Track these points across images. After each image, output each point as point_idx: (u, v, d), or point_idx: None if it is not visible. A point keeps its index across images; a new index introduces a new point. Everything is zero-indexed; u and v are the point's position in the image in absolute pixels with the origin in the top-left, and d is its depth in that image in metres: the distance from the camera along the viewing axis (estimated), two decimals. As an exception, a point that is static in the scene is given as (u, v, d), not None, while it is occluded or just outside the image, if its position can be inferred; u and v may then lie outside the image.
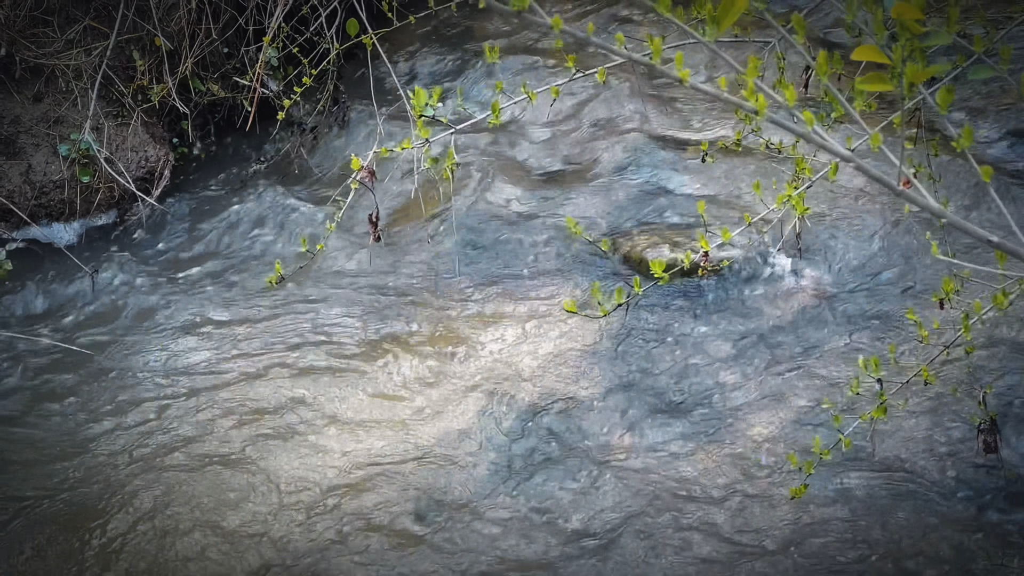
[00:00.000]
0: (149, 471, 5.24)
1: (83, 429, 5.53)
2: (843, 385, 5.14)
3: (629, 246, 6.00)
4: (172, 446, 5.36)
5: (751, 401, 5.23)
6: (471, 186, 6.59)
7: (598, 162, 6.61)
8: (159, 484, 5.15)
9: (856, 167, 2.08)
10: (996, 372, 5.04)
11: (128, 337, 6.10)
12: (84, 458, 5.35)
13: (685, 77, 1.95)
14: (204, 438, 5.39)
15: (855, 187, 6.00)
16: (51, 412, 5.67)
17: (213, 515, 4.99)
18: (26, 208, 6.78)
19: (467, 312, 5.93)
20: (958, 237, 5.38)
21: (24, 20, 7.02)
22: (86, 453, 5.38)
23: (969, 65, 2.69)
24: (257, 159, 7.44)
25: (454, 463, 5.13)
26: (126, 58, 7.22)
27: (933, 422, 4.94)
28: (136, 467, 5.27)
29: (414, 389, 5.54)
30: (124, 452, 5.36)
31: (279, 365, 5.77)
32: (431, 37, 7.93)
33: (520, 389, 5.43)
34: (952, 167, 5.85)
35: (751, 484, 4.88)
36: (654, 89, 6.94)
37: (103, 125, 7.00)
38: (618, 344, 5.58)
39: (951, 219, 2.22)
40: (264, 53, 7.21)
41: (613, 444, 5.14)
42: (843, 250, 5.75)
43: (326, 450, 5.26)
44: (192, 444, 5.36)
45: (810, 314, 5.54)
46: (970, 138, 2.10)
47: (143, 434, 5.44)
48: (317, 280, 6.27)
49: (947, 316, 4.89)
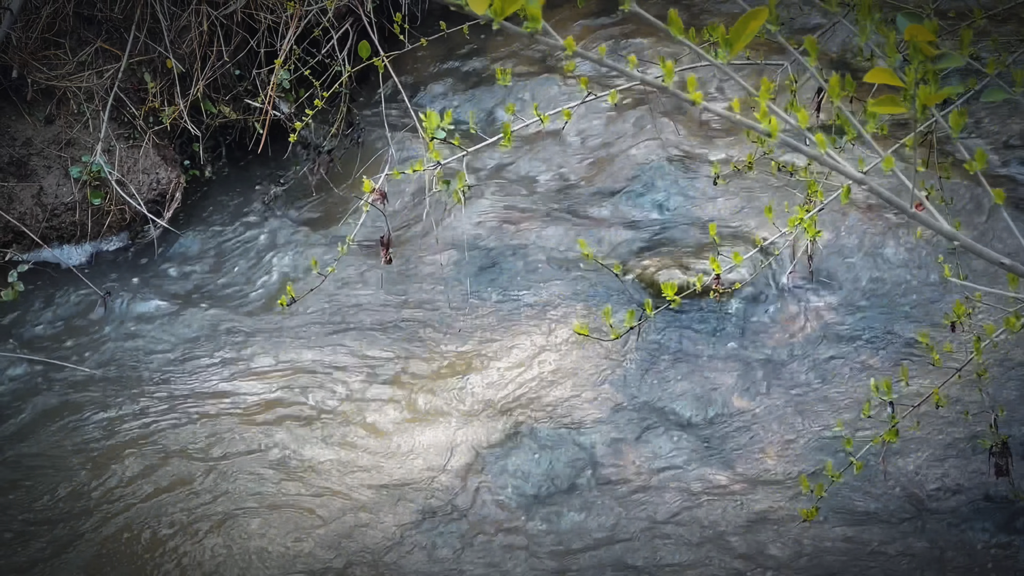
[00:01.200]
0: (152, 493, 5.23)
1: (93, 450, 5.52)
2: (855, 407, 5.13)
3: (640, 269, 5.99)
4: (174, 469, 5.36)
5: (762, 423, 5.22)
6: (482, 208, 6.59)
7: (610, 183, 6.61)
8: (161, 507, 5.15)
9: (869, 189, 2.08)
10: (1009, 395, 5.02)
11: (138, 359, 6.10)
12: (90, 479, 5.35)
13: (698, 99, 1.95)
14: (213, 461, 5.39)
15: (867, 210, 6.00)
16: (59, 432, 5.66)
17: (228, 540, 4.98)
18: (37, 230, 6.78)
19: (478, 334, 5.93)
20: (969, 260, 5.37)
21: (36, 42, 7.03)
22: (94, 473, 5.38)
23: (983, 88, 2.69)
24: (269, 181, 7.45)
25: (463, 487, 5.12)
26: (138, 80, 7.23)
27: (945, 445, 4.93)
28: (139, 487, 5.27)
29: (425, 411, 5.53)
30: (130, 475, 5.36)
31: (290, 387, 5.77)
32: (443, 58, 7.94)
33: (532, 411, 5.42)
34: (962, 190, 5.84)
35: (762, 504, 4.87)
36: (666, 110, 6.93)
37: (114, 147, 7.01)
38: (629, 366, 5.57)
39: (964, 241, 2.21)
40: (276, 75, 7.22)
41: (624, 466, 5.14)
42: (854, 273, 5.74)
43: (340, 470, 5.25)
44: (199, 465, 5.36)
45: (821, 336, 5.53)
46: (983, 160, 2.10)
47: (152, 456, 5.44)
48: (328, 302, 6.27)
49: (960, 339, 4.88)
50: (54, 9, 7.09)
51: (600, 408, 5.40)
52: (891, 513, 4.76)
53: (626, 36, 7.65)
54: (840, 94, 2.05)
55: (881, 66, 1.99)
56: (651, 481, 5.06)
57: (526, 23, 1.85)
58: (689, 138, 6.79)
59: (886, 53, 1.99)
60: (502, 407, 5.47)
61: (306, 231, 6.87)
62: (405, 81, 7.59)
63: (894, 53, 2.01)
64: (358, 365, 5.86)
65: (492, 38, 8.01)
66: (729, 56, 1.96)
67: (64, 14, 7.12)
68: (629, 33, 7.69)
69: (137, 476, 5.33)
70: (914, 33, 1.94)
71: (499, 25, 1.82)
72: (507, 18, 1.83)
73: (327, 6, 7.27)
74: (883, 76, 1.98)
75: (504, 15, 1.80)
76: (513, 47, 7.91)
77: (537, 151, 6.98)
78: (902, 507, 4.76)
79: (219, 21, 7.34)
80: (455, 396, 5.59)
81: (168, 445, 5.49)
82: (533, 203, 6.61)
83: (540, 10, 1.83)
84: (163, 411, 5.72)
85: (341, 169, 7.36)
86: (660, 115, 6.87)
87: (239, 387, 5.83)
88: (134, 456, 5.44)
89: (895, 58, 2.02)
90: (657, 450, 5.19)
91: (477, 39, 7.94)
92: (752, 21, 1.94)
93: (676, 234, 6.19)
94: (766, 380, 5.41)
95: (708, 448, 5.17)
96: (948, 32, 4.28)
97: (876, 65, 2.04)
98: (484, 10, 1.77)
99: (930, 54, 1.90)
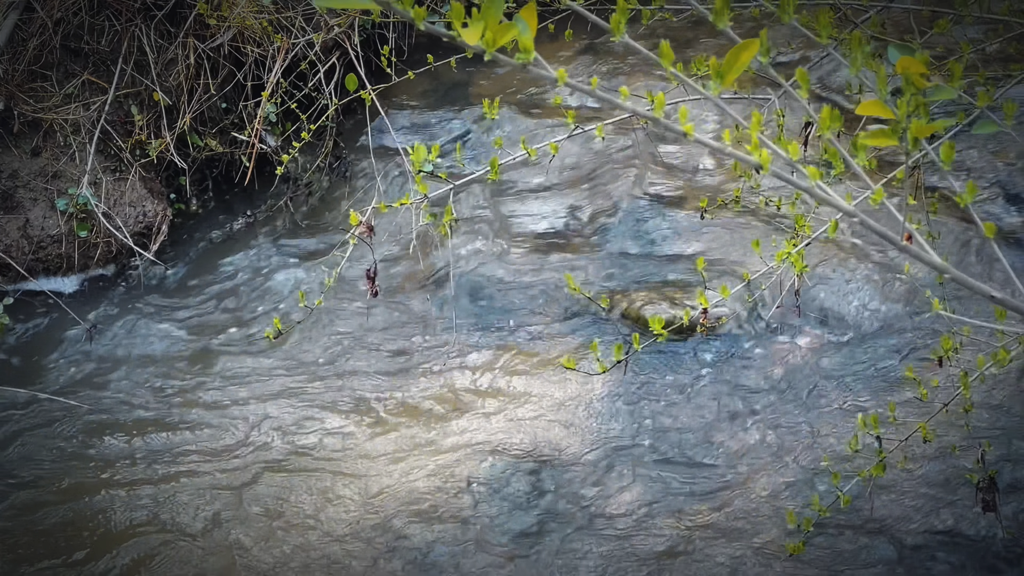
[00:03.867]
0: (138, 529, 5.21)
1: (77, 483, 5.50)
2: (842, 442, 5.13)
3: (627, 303, 5.99)
4: (162, 504, 5.34)
5: (748, 458, 5.22)
6: (469, 241, 6.59)
7: (596, 217, 6.62)
8: (147, 543, 5.13)
9: (860, 222, 2.08)
10: (995, 430, 5.03)
11: (124, 392, 6.07)
12: (77, 513, 5.33)
13: (690, 131, 1.95)
14: (196, 492, 5.37)
15: (854, 245, 6.01)
16: (46, 465, 5.64)
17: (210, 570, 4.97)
18: (24, 262, 6.77)
19: (464, 369, 5.92)
20: (955, 296, 5.39)
21: (23, 74, 7.03)
22: (79, 507, 5.36)
23: (973, 120, 2.70)
24: (255, 214, 7.44)
25: (452, 518, 5.11)
26: (124, 113, 7.23)
27: (932, 480, 4.92)
28: (126, 521, 5.25)
29: (409, 447, 5.52)
30: (114, 508, 5.34)
31: (274, 421, 5.75)
32: (430, 91, 7.95)
33: (518, 446, 5.41)
34: (948, 226, 5.85)
35: (749, 539, 4.86)
36: (652, 145, 6.94)
37: (101, 180, 7.00)
38: (615, 401, 5.57)
39: (954, 274, 2.21)
40: (262, 108, 7.23)
41: (610, 501, 5.12)
42: (841, 307, 5.75)
43: (323, 507, 5.24)
44: (182, 499, 5.34)
45: (808, 371, 5.53)
46: (973, 193, 2.10)
47: (136, 489, 5.42)
48: (314, 335, 6.26)
49: (947, 373, 4.89)
50: (41, 41, 7.09)
51: (585, 442, 5.39)
52: (875, 548, 4.75)
53: (610, 74, 7.67)
54: (831, 126, 2.05)
55: (872, 98, 1.99)
56: (635, 516, 5.05)
57: (518, 54, 1.85)
58: (674, 172, 6.80)
59: (877, 85, 1.99)
60: (485, 442, 5.46)
61: (293, 264, 6.86)
62: (392, 114, 7.59)
63: (885, 85, 2.01)
64: (343, 401, 5.84)
65: (483, 78, 8.02)
66: (720, 87, 1.96)
67: (51, 46, 7.12)
68: (612, 71, 7.71)
69: (120, 509, 5.31)
70: (906, 65, 1.95)
71: (491, 56, 1.82)
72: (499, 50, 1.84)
73: (314, 40, 7.29)
74: (874, 109, 1.98)
75: (496, 46, 1.79)
76: (503, 82, 7.92)
77: (523, 185, 6.98)
78: (887, 542, 4.75)
79: (206, 54, 7.34)
80: (438, 432, 5.57)
81: (150, 477, 5.47)
82: (518, 236, 6.61)
83: (532, 41, 1.83)
84: (147, 444, 5.70)
85: (327, 202, 7.35)
86: (646, 149, 6.88)
87: (219, 420, 5.81)
88: (116, 489, 5.42)
89: (885, 91, 2.02)
90: (641, 485, 5.18)
91: (464, 73, 7.94)
92: (743, 52, 1.94)
93: (662, 268, 6.19)
94: (751, 414, 5.41)
95: (693, 482, 5.16)
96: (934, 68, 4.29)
97: (864, 98, 2.04)
98: (476, 41, 1.77)
99: (923, 86, 1.90)
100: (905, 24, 5.91)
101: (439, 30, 1.80)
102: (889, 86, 2.06)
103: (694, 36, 7.87)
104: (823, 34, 2.16)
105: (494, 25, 1.77)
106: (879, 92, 2.01)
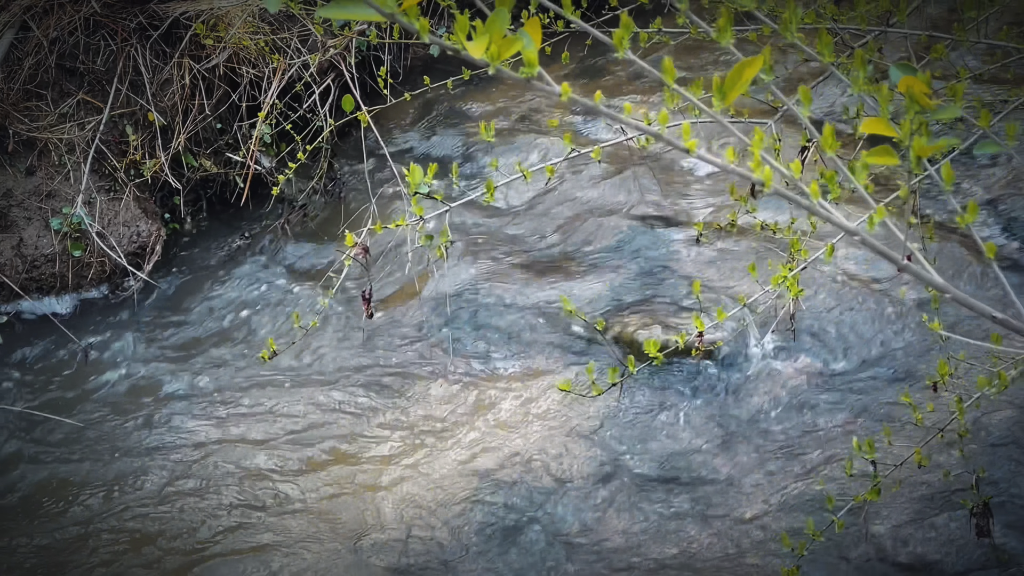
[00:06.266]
0: (131, 547, 5.19)
1: (70, 503, 5.49)
2: (836, 467, 5.12)
3: (620, 327, 5.99)
4: (157, 523, 5.32)
5: (743, 482, 5.21)
6: (465, 263, 6.59)
7: (591, 241, 6.62)
8: (141, 560, 5.11)
9: (861, 240, 2.08)
10: (991, 455, 5.02)
11: (117, 412, 6.06)
12: (71, 532, 5.31)
13: (692, 147, 1.94)
14: (188, 513, 5.35)
15: (850, 269, 6.01)
16: (39, 483, 5.62)
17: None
18: (17, 281, 6.77)
19: (458, 390, 5.91)
20: (946, 324, 5.39)
21: (18, 93, 7.03)
22: (71, 526, 5.34)
23: (974, 141, 2.70)
24: (249, 235, 7.43)
25: (442, 547, 5.09)
26: (119, 133, 7.23)
27: (926, 505, 4.91)
28: (119, 540, 5.23)
29: (403, 471, 5.50)
30: (106, 528, 5.32)
31: (266, 443, 5.73)
32: (426, 112, 7.96)
33: (511, 468, 5.40)
34: (944, 251, 5.86)
35: (742, 563, 4.84)
36: (649, 168, 6.95)
37: (95, 199, 7.00)
38: (609, 425, 5.56)
39: (955, 294, 2.21)
40: (258, 129, 7.23)
41: (602, 525, 5.11)
42: (837, 332, 5.74)
43: (313, 533, 5.22)
44: (176, 521, 5.32)
45: (803, 396, 5.52)
46: (975, 213, 2.10)
47: (128, 509, 5.40)
48: (309, 356, 6.25)
49: (942, 399, 4.88)
50: (36, 61, 7.09)
51: (579, 466, 5.38)
52: (869, 572, 4.74)
53: (606, 99, 7.68)
54: (833, 145, 2.05)
55: (874, 116, 1.99)
56: (628, 541, 5.03)
57: (522, 68, 1.85)
58: (671, 196, 6.80)
59: (879, 103, 1.99)
60: (478, 465, 5.45)
61: (288, 285, 6.86)
62: (387, 136, 7.60)
63: (887, 104, 2.01)
64: (337, 423, 5.83)
65: (479, 99, 8.03)
66: (723, 104, 1.96)
67: (46, 66, 7.13)
68: (608, 96, 7.73)
69: (112, 529, 5.29)
70: (909, 84, 1.94)
71: (495, 70, 1.81)
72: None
73: (310, 61, 7.30)
74: (877, 127, 1.98)
75: (500, 59, 1.79)
76: (500, 103, 7.93)
77: (519, 207, 6.98)
78: (881, 568, 4.74)
79: (201, 75, 7.35)
80: (431, 453, 5.56)
81: (141, 497, 5.46)
82: (515, 259, 6.61)
83: (536, 55, 1.83)
84: (139, 464, 5.69)
85: (322, 223, 7.36)
86: (643, 173, 6.89)
87: (212, 440, 5.79)
88: (110, 508, 5.40)
89: (887, 109, 2.02)
90: (634, 509, 5.16)
91: (460, 95, 7.95)
92: (747, 69, 1.94)
93: (657, 291, 6.19)
94: (746, 438, 5.40)
95: (687, 507, 5.14)
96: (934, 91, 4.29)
97: (865, 118, 2.04)
98: (481, 54, 1.77)
99: (927, 105, 1.90)
100: (903, 50, 5.93)
101: (444, 43, 1.79)
102: (890, 107, 2.06)
103: (687, 66, 7.89)
104: (826, 53, 2.16)
105: (498, 38, 1.77)
106: (881, 111, 2.00)
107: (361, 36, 7.39)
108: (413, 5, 1.74)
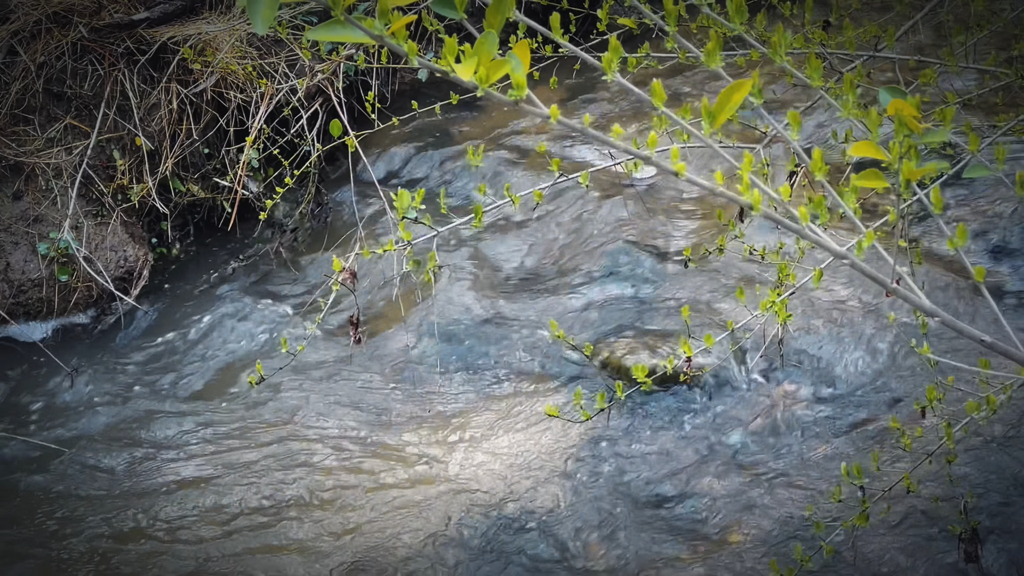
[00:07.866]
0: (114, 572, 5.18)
1: (51, 527, 5.46)
2: (825, 493, 5.11)
3: (608, 352, 5.98)
4: (134, 551, 5.30)
5: (730, 507, 5.19)
6: (452, 288, 6.58)
7: (579, 266, 6.62)
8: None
9: (851, 264, 2.07)
10: (979, 480, 5.01)
11: (102, 437, 6.04)
12: (53, 556, 5.29)
13: (681, 170, 1.94)
14: (175, 539, 5.33)
15: (837, 295, 6.01)
16: (22, 507, 5.60)
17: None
18: (4, 306, 6.75)
19: (445, 417, 5.90)
20: (942, 349, 5.39)
21: (5, 117, 7.03)
22: (56, 550, 5.31)
23: (964, 165, 2.70)
24: (236, 260, 7.42)
25: (430, 567, 5.08)
26: (106, 157, 7.22)
27: (914, 531, 4.90)
28: (97, 566, 5.21)
29: (389, 496, 5.49)
30: (91, 552, 5.30)
31: (253, 469, 5.71)
32: (414, 138, 7.96)
33: (498, 494, 5.39)
34: (930, 276, 5.86)
35: (732, 592, 4.84)
36: (636, 193, 6.95)
37: (82, 224, 6.99)
38: (595, 450, 5.54)
39: (943, 317, 2.21)
40: (245, 154, 7.23)
41: (587, 552, 5.09)
42: (825, 356, 5.74)
43: (300, 558, 5.20)
44: (161, 545, 5.30)
45: (791, 420, 5.51)
46: (964, 237, 2.09)
47: (112, 533, 5.38)
48: (296, 382, 6.23)
49: (931, 423, 4.88)
50: (24, 85, 7.09)
51: (565, 491, 5.36)
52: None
53: (595, 124, 7.69)
54: (822, 168, 2.05)
55: (863, 140, 1.99)
56: (615, 565, 5.02)
57: (511, 91, 1.84)
58: (659, 220, 6.80)
59: (868, 127, 1.99)
60: (464, 490, 5.43)
61: (275, 310, 6.84)
62: (374, 161, 7.60)
63: (876, 127, 2.01)
64: (323, 448, 5.81)
65: (467, 123, 8.03)
66: (711, 128, 1.96)
67: (34, 90, 7.12)
68: (596, 121, 7.74)
69: (99, 553, 5.28)
70: (899, 107, 1.94)
71: (483, 92, 1.81)
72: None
73: (298, 86, 7.30)
74: (866, 150, 1.98)
75: (489, 82, 1.79)
76: (488, 128, 7.94)
77: (507, 232, 6.98)
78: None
79: (188, 99, 7.35)
80: (416, 478, 5.55)
81: (124, 524, 5.44)
82: (503, 284, 6.60)
83: (525, 78, 1.83)
84: (126, 489, 5.67)
85: (310, 248, 7.35)
86: (632, 196, 6.89)
87: (199, 466, 5.77)
88: (95, 533, 5.38)
89: (878, 133, 2.01)
90: (622, 534, 5.15)
91: (448, 120, 7.96)
92: (735, 93, 1.93)
93: (644, 318, 6.19)
94: (734, 463, 5.39)
95: (675, 532, 5.13)
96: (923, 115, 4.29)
97: (854, 142, 2.03)
98: (470, 76, 1.76)
99: (916, 128, 1.90)
100: (891, 75, 5.95)
101: (433, 65, 1.79)
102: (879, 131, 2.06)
103: (673, 93, 7.90)
104: (815, 77, 2.16)
105: (487, 61, 1.77)
106: (870, 134, 2.00)
107: (349, 61, 7.39)
108: (401, 28, 1.74)
